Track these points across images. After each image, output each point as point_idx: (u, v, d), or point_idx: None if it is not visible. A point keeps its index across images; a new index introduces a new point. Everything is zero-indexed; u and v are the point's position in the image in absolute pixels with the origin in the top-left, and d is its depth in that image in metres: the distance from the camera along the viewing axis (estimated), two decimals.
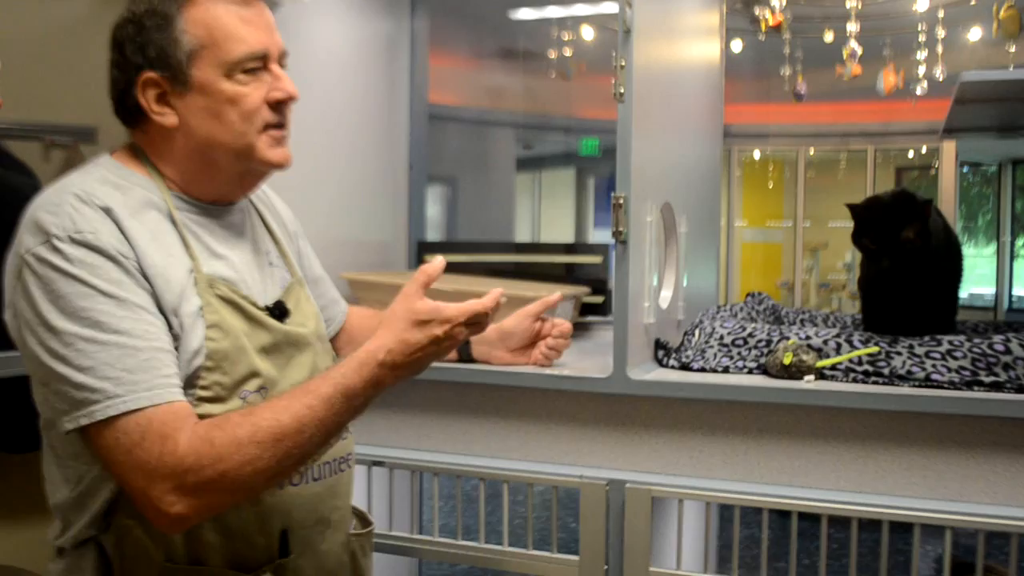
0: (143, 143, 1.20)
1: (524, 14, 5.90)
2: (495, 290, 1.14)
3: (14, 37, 1.86)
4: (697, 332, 1.67)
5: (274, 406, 1.06)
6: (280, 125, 1.20)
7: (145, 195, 1.16)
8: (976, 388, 1.37)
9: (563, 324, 1.61)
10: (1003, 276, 6.04)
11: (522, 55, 6.48)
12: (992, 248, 6.19)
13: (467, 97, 6.54)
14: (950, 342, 1.44)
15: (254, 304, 1.19)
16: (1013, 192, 6.06)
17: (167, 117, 1.16)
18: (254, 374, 1.14)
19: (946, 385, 1.38)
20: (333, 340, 1.53)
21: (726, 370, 1.54)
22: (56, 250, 1.05)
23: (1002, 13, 3.34)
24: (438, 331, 1.10)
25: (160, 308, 1.08)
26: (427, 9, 2.44)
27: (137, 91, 1.15)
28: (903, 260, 1.59)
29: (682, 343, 1.67)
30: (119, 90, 1.18)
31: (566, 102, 6.78)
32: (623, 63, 1.45)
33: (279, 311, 1.22)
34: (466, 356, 1.61)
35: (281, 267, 1.30)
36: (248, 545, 1.13)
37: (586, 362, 1.67)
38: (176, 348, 1.09)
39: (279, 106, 1.20)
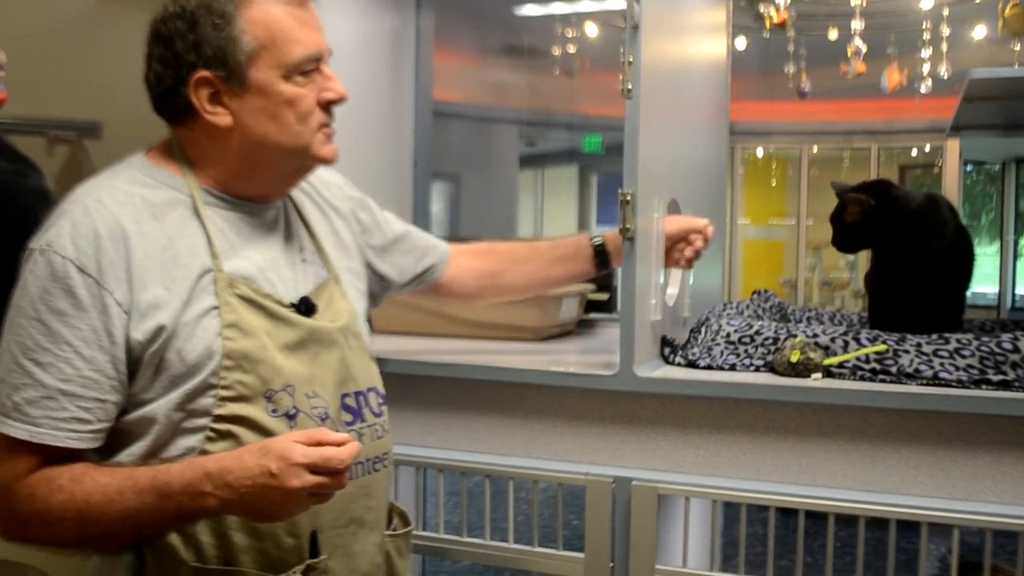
0: (185, 140, 1.20)
1: (529, 10, 5.89)
2: (354, 443, 1.06)
3: (19, 32, 1.85)
4: (703, 330, 1.66)
5: (98, 477, 1.07)
6: (328, 123, 1.21)
7: (172, 194, 1.16)
8: (984, 387, 1.37)
9: (708, 229, 1.58)
10: (1006, 275, 6.02)
11: (526, 52, 6.48)
12: (995, 247, 6.18)
13: (471, 94, 6.54)
14: (958, 340, 1.43)
15: (277, 301, 1.18)
16: (1017, 191, 6.05)
17: (221, 117, 1.15)
18: (277, 373, 1.14)
19: (954, 383, 1.38)
20: (442, 285, 1.56)
21: (733, 368, 1.54)
22: (33, 257, 1.09)
23: (1007, 11, 3.32)
24: (272, 465, 1.01)
25: (127, 334, 1.08)
26: (432, 5, 2.43)
27: (189, 90, 1.14)
28: (841, 242, 1.71)
29: (688, 340, 1.67)
30: (166, 87, 1.16)
31: (569, 99, 6.78)
32: (631, 59, 1.44)
33: (305, 307, 1.21)
34: (604, 267, 1.60)
35: (316, 263, 1.29)
36: (277, 546, 1.13)
37: (592, 359, 1.66)
38: (162, 357, 1.09)
39: (328, 106, 1.21)
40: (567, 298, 2.06)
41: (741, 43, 5.19)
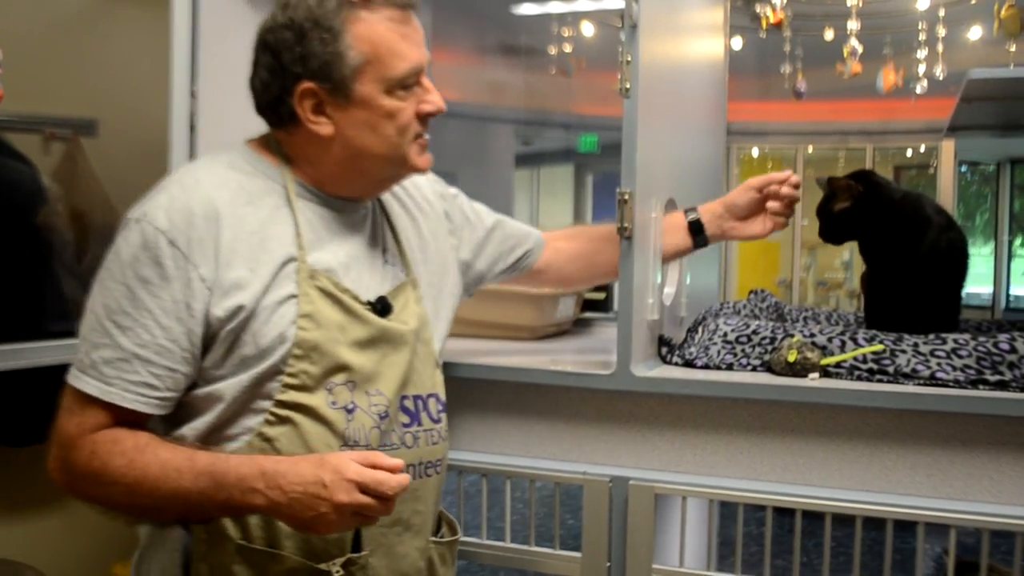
0: (284, 142, 1.24)
1: (525, 10, 5.88)
2: (404, 475, 1.08)
3: (15, 29, 1.84)
4: (701, 329, 1.66)
5: (159, 451, 1.11)
6: (422, 133, 1.25)
7: (268, 183, 1.21)
8: (981, 387, 1.37)
9: (792, 177, 1.58)
10: (1000, 275, 6.03)
11: (523, 51, 6.47)
12: (990, 247, 6.19)
13: (468, 93, 6.52)
14: (955, 340, 1.43)
15: (355, 298, 1.21)
16: (1011, 191, 6.06)
17: (323, 127, 1.19)
18: (343, 367, 1.17)
19: (951, 384, 1.38)
20: (537, 271, 1.59)
21: (730, 367, 1.54)
22: (128, 225, 1.14)
23: (1003, 12, 3.33)
24: (326, 476, 1.05)
25: (207, 310, 1.12)
26: (429, 5, 2.43)
27: (294, 99, 1.18)
28: (828, 232, 1.70)
29: (685, 340, 1.67)
30: (272, 96, 1.20)
31: (566, 98, 6.77)
32: (629, 58, 1.44)
33: (381, 306, 1.24)
34: (702, 242, 1.61)
35: (397, 266, 1.32)
36: (321, 536, 1.15)
37: (589, 359, 1.66)
38: (237, 336, 1.13)
39: (426, 117, 1.24)
40: (563, 297, 2.06)
41: (737, 43, 5.18)
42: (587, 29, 5.93)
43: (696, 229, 1.60)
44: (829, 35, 4.91)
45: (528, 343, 1.92)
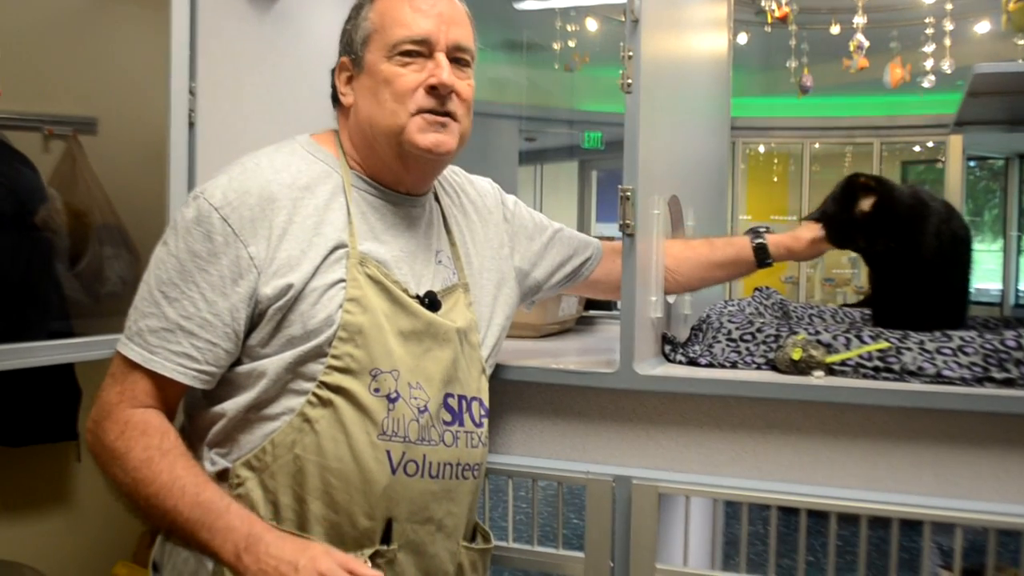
0: (339, 126, 1.31)
1: (529, 5, 5.87)
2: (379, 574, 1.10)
3: (14, 26, 1.84)
4: (705, 327, 1.65)
5: (177, 463, 1.13)
6: (435, 111, 1.23)
7: (325, 169, 1.25)
8: (987, 384, 1.35)
9: None
10: (1009, 272, 6.00)
11: (526, 47, 6.46)
12: (999, 243, 6.16)
13: None
14: (961, 338, 1.42)
15: (404, 289, 1.23)
16: (1020, 187, 6.03)
17: (347, 97, 1.28)
18: (387, 355, 1.19)
19: (957, 381, 1.37)
20: (596, 281, 1.60)
21: (734, 365, 1.53)
22: (187, 201, 1.18)
23: (1011, 5, 3.29)
24: (301, 561, 1.07)
25: (255, 288, 1.15)
26: None
27: (335, 73, 1.29)
28: (867, 234, 1.62)
29: (689, 338, 1.65)
30: (332, 78, 1.31)
31: (569, 94, 6.76)
32: (631, 54, 1.43)
33: (429, 301, 1.26)
34: (763, 261, 1.63)
35: (449, 267, 1.34)
36: (352, 525, 1.17)
37: (592, 357, 1.65)
38: (285, 316, 1.16)
39: (435, 92, 1.22)
40: (567, 296, 2.04)
41: (742, 38, 5.16)
42: (591, 24, 5.91)
43: (760, 251, 1.63)
44: (835, 30, 4.89)
45: (531, 341, 1.91)
